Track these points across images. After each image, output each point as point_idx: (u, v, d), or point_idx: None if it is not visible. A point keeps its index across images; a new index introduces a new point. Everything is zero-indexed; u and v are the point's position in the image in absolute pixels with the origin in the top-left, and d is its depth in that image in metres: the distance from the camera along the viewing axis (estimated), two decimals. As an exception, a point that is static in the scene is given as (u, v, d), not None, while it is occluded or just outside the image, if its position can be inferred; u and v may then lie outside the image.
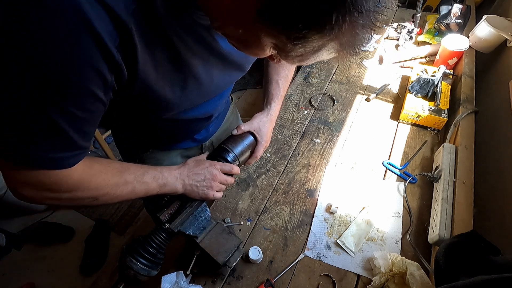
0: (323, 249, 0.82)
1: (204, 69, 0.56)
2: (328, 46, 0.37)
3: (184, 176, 0.67)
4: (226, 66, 0.60)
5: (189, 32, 0.48)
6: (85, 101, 0.42)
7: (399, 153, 1.03)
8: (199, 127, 0.81)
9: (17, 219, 1.86)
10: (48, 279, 1.65)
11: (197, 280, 0.77)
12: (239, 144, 0.77)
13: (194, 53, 0.52)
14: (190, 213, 0.70)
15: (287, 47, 0.37)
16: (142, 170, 0.62)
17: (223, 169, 0.71)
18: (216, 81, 0.62)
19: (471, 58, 1.23)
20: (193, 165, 0.70)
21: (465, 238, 0.65)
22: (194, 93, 0.59)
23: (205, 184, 0.69)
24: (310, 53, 0.38)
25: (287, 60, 0.43)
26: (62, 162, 0.47)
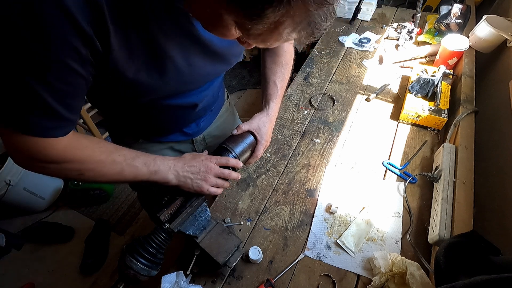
0: (323, 249, 0.82)
1: (182, 56, 0.57)
2: (284, 24, 0.39)
3: (178, 167, 0.67)
4: (207, 55, 0.61)
5: (166, 16, 0.50)
6: (63, 73, 0.45)
7: (399, 153, 1.03)
8: (185, 118, 0.81)
9: (17, 219, 1.86)
10: (48, 279, 1.65)
11: (197, 280, 0.77)
12: (239, 144, 0.77)
13: (170, 38, 0.53)
14: (190, 213, 0.70)
15: (246, 24, 0.40)
16: (133, 153, 0.63)
17: (219, 162, 0.71)
18: (198, 70, 0.62)
19: (471, 58, 1.23)
20: (189, 158, 0.70)
21: (465, 238, 0.65)
22: (174, 80, 0.60)
23: (199, 177, 0.68)
24: (269, 32, 0.41)
25: (250, 40, 0.45)
26: (47, 131, 0.50)
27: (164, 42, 0.52)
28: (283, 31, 0.41)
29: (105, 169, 0.59)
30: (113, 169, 0.60)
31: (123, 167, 0.61)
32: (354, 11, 1.57)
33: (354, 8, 1.56)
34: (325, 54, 1.45)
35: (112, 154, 0.60)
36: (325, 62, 1.41)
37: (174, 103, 0.70)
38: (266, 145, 0.85)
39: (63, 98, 0.48)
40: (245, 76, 2.77)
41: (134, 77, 0.54)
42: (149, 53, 0.52)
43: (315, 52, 1.46)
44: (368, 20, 1.63)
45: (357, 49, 1.46)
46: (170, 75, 0.58)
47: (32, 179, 1.75)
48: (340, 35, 1.54)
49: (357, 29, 1.59)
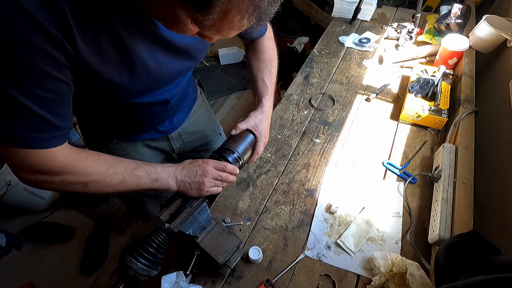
0: (323, 249, 0.82)
1: (149, 55, 0.58)
2: (232, 11, 0.41)
3: (177, 173, 0.69)
4: (173, 53, 0.63)
5: (130, 18, 0.52)
6: (42, 80, 0.46)
7: (399, 153, 1.03)
8: (158, 115, 0.82)
9: (17, 219, 1.85)
10: (48, 279, 1.65)
11: (197, 280, 0.77)
12: (240, 143, 0.77)
13: (136, 37, 0.55)
14: (190, 213, 0.70)
15: (198, 17, 0.42)
16: (134, 164, 0.64)
17: (216, 166, 0.72)
18: (166, 68, 0.64)
19: (471, 58, 1.23)
20: (188, 162, 0.71)
21: (465, 238, 0.65)
22: (143, 78, 0.61)
23: (197, 180, 0.69)
24: (220, 21, 0.43)
25: (206, 32, 0.47)
26: (42, 142, 0.51)
27: (131, 42, 0.54)
28: (232, 19, 0.43)
29: (108, 179, 0.60)
30: (116, 179, 0.61)
31: (125, 176, 0.62)
32: (354, 11, 1.57)
33: (354, 8, 1.56)
34: (325, 54, 1.45)
35: (113, 165, 0.61)
36: (325, 62, 1.41)
37: (146, 101, 0.72)
38: (265, 141, 0.86)
39: (49, 106, 0.49)
40: (245, 76, 2.77)
41: (108, 77, 0.55)
42: (118, 52, 0.54)
43: (315, 52, 1.46)
44: (368, 20, 1.63)
45: (357, 49, 1.46)
46: (139, 73, 0.59)
47: (32, 179, 1.75)
48: (340, 35, 1.54)
49: (357, 29, 1.59)
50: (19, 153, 0.50)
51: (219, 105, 2.60)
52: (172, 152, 0.99)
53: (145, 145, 0.91)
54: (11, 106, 0.46)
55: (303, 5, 2.06)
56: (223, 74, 2.78)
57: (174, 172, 0.68)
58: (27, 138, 0.49)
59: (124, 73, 0.57)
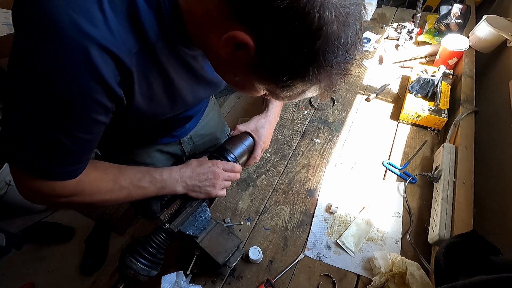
0: (323, 249, 0.82)
1: (190, 91, 0.62)
2: (311, 89, 0.45)
3: (186, 177, 0.68)
4: (211, 87, 0.67)
5: (181, 63, 0.54)
6: (90, 127, 0.48)
7: (399, 153, 1.03)
8: (179, 126, 0.85)
9: (17, 219, 1.85)
10: (48, 279, 1.65)
11: (197, 280, 0.77)
12: (238, 146, 0.77)
13: (184, 81, 0.57)
14: (190, 213, 0.70)
15: (277, 91, 0.46)
16: (139, 174, 0.63)
17: (225, 168, 0.72)
18: (200, 96, 0.67)
19: (471, 58, 1.23)
20: (196, 165, 0.70)
21: (465, 238, 0.65)
22: (179, 107, 0.64)
23: (208, 183, 0.70)
24: (297, 95, 0.47)
25: (278, 99, 0.51)
26: (67, 174, 0.52)
27: (179, 84, 0.57)
28: (309, 93, 0.47)
29: (113, 196, 0.60)
30: (121, 194, 0.61)
31: (130, 190, 0.62)
32: (354, 11, 1.56)
33: (354, 8, 1.56)
34: (325, 54, 1.44)
35: (119, 180, 0.60)
36: (325, 62, 1.40)
37: (174, 118, 0.73)
38: (265, 147, 0.85)
39: (85, 145, 0.50)
40: (245, 76, 2.77)
41: (150, 114, 0.57)
42: (167, 95, 0.57)
43: (315, 52, 1.46)
44: (368, 20, 1.63)
45: (357, 49, 1.46)
46: (179, 106, 0.63)
47: (32, 179, 1.75)
48: (340, 35, 1.54)
49: (357, 29, 1.59)
50: (35, 181, 0.50)
51: (219, 105, 2.60)
52: (183, 155, 0.98)
53: (157, 150, 0.90)
54: (51, 143, 0.46)
55: (303, 5, 2.05)
56: (223, 74, 2.78)
57: (182, 176, 0.68)
58: (52, 171, 0.50)
59: (166, 108, 0.60)
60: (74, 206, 0.59)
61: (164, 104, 0.58)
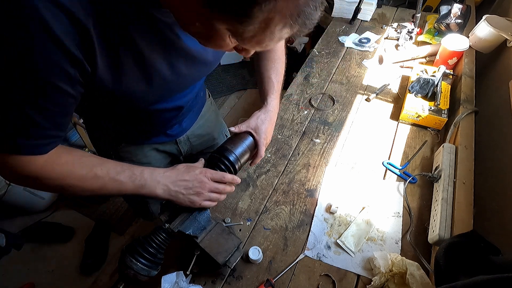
0: (323, 249, 0.82)
1: (168, 66, 0.58)
2: (274, 20, 0.39)
3: (169, 181, 0.65)
4: (193, 62, 0.62)
5: (152, 31, 0.51)
6: (53, 95, 0.46)
7: (399, 153, 1.03)
8: (169, 121, 0.81)
9: (17, 219, 1.85)
10: (48, 279, 1.65)
11: (197, 280, 0.77)
12: (239, 145, 0.76)
13: (157, 52, 0.54)
14: (190, 213, 0.70)
15: (239, 29, 0.41)
16: (119, 167, 0.61)
17: (214, 177, 0.68)
18: (183, 77, 0.63)
19: (471, 58, 1.23)
20: (183, 170, 0.67)
21: (465, 238, 0.65)
22: (160, 88, 0.61)
23: (192, 192, 0.66)
24: (261, 31, 0.41)
25: (246, 45, 0.45)
26: (32, 148, 0.51)
27: (151, 55, 0.53)
28: (274, 28, 0.41)
29: (86, 184, 0.58)
30: (95, 183, 0.58)
31: (105, 182, 0.59)
32: (354, 11, 1.57)
33: (354, 8, 1.56)
34: (325, 54, 1.45)
35: (95, 168, 0.58)
36: (325, 62, 1.41)
37: (160, 107, 0.71)
38: (267, 142, 0.84)
39: (52, 117, 0.49)
40: (245, 76, 2.77)
41: (124, 90, 0.55)
42: (137, 67, 0.53)
43: (315, 52, 1.46)
44: (368, 20, 1.63)
45: (357, 49, 1.46)
46: (157, 85, 0.59)
47: (32, 179, 1.75)
48: (340, 35, 1.54)
49: (357, 29, 1.59)
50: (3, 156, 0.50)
51: (219, 105, 2.60)
52: (179, 155, 0.97)
53: (153, 148, 0.90)
54: (13, 112, 0.46)
55: (303, 5, 2.05)
56: (223, 74, 2.78)
57: (165, 179, 0.64)
58: (18, 144, 0.49)
59: (141, 85, 0.57)
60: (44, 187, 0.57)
61: (138, 79, 0.55)
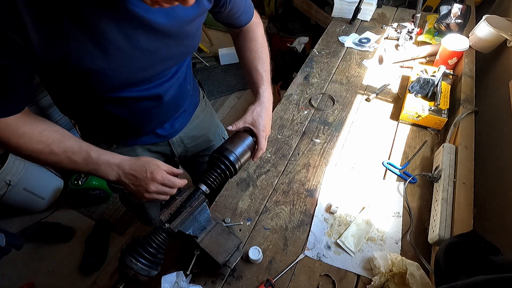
0: (323, 249, 0.82)
1: (123, 37, 0.56)
2: None
3: (122, 170, 0.67)
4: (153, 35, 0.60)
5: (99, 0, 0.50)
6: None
7: (399, 153, 1.03)
8: (153, 114, 0.78)
9: (17, 219, 1.86)
10: (48, 279, 1.65)
11: (197, 280, 0.77)
12: (239, 145, 0.76)
13: (108, 21, 0.53)
14: (190, 213, 0.70)
15: None
16: (77, 148, 0.64)
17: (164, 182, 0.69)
18: (149, 53, 0.61)
19: (471, 58, 1.23)
20: (138, 164, 0.68)
21: (465, 238, 0.65)
22: (124, 64, 0.59)
23: (139, 189, 0.68)
24: None
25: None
26: None
27: (101, 25, 0.52)
28: None
29: (42, 157, 0.62)
30: (51, 159, 0.62)
31: (60, 159, 0.63)
32: (354, 11, 1.57)
33: (354, 8, 1.56)
34: (325, 54, 1.45)
35: (52, 145, 0.61)
36: (325, 62, 1.41)
37: (135, 95, 0.69)
38: (267, 134, 0.83)
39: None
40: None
41: (83, 65, 0.55)
42: (87, 38, 0.52)
43: (315, 52, 1.46)
44: (368, 20, 1.63)
45: (357, 49, 1.46)
46: (116, 59, 0.57)
47: (32, 179, 1.75)
48: (340, 35, 1.54)
49: (357, 29, 1.59)
50: None
51: (219, 105, 2.60)
52: (173, 156, 0.97)
53: (146, 149, 0.90)
54: None
55: (303, 5, 2.06)
56: (223, 74, 2.78)
57: (118, 168, 0.66)
58: None
59: (98, 59, 0.55)
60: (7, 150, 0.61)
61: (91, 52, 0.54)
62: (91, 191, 1.84)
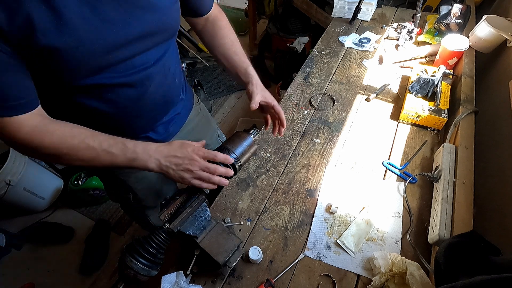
0: (323, 249, 0.82)
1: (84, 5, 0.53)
2: None
3: (161, 156, 0.65)
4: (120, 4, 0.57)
5: None
6: None
7: (399, 153, 1.03)
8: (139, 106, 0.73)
9: (17, 219, 1.86)
10: (48, 279, 1.65)
11: (197, 280, 0.77)
12: (239, 145, 0.76)
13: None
14: (190, 213, 0.70)
15: None
16: (112, 140, 0.63)
17: (206, 156, 0.67)
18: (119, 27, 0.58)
19: (471, 58, 1.23)
20: (176, 146, 0.67)
21: (465, 238, 0.65)
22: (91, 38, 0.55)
23: (182, 168, 0.65)
24: None
25: None
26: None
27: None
28: None
29: (79, 153, 0.60)
30: (88, 154, 0.60)
31: (98, 152, 0.61)
32: (354, 11, 1.57)
33: (354, 8, 1.56)
34: (325, 54, 1.45)
35: (87, 139, 0.60)
36: (325, 62, 1.41)
37: (116, 81, 0.64)
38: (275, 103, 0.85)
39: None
40: (245, 76, 2.77)
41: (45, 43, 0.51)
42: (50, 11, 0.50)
43: (315, 52, 1.46)
44: (368, 20, 1.63)
45: (357, 49, 1.46)
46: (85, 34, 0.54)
47: (32, 179, 1.75)
48: (340, 35, 1.54)
49: (357, 29, 1.59)
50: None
51: (219, 105, 2.60)
52: None
53: None
54: None
55: (303, 5, 2.05)
56: (223, 74, 2.77)
57: (157, 153, 0.65)
58: None
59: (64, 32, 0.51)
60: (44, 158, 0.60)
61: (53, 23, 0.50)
62: (91, 191, 1.84)
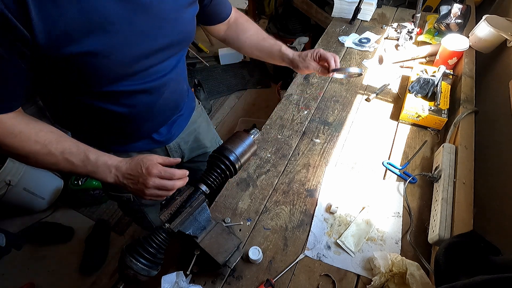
0: (323, 249, 0.82)
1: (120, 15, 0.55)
2: None
3: (120, 172, 0.66)
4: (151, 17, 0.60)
5: None
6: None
7: (399, 153, 1.03)
8: (153, 111, 0.76)
9: (17, 219, 1.86)
10: (48, 279, 1.65)
11: (197, 280, 0.77)
12: (239, 145, 0.76)
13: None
14: (190, 213, 0.70)
15: None
16: (75, 149, 0.63)
17: (162, 175, 0.66)
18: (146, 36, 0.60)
19: (471, 58, 1.23)
20: (133, 164, 0.66)
21: (465, 238, 0.65)
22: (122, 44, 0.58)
23: (138, 187, 0.66)
24: None
25: None
26: None
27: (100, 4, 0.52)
28: None
29: (39, 158, 0.60)
30: (48, 160, 0.61)
31: (58, 160, 0.61)
32: (354, 11, 1.57)
33: (354, 8, 1.56)
34: (325, 54, 1.44)
35: (49, 146, 0.60)
36: (325, 62, 1.40)
37: (136, 88, 0.67)
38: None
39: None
40: (245, 76, 2.77)
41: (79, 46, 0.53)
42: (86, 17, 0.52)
43: (315, 52, 1.46)
44: (368, 20, 1.63)
45: (357, 49, 1.46)
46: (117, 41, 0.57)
47: (32, 179, 1.75)
48: (340, 35, 1.54)
49: (357, 29, 1.59)
50: None
51: (219, 105, 2.60)
52: None
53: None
54: None
55: (303, 5, 2.05)
56: (223, 74, 2.78)
57: (117, 170, 0.65)
58: None
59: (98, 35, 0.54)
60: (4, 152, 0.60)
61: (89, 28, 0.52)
62: (91, 191, 1.84)
